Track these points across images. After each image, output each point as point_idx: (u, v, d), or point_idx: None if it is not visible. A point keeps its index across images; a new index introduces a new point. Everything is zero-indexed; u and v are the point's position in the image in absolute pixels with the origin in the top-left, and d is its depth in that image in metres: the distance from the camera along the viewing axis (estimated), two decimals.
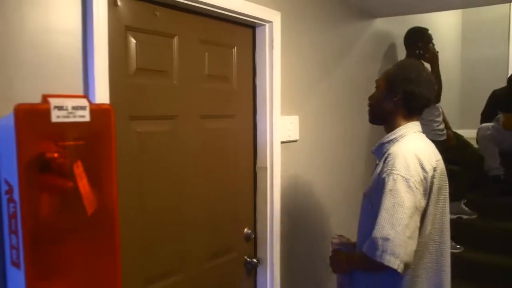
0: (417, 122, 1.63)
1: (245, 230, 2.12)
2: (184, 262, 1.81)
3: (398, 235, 1.36)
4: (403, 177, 1.41)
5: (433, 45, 3.41)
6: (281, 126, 2.14)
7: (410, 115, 1.61)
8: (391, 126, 1.61)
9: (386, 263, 1.37)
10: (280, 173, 2.15)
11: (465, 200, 3.71)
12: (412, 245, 1.40)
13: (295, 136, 2.26)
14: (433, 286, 1.55)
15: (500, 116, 3.82)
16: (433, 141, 3.23)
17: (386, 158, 1.50)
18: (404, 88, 1.55)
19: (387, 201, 1.41)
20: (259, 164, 2.14)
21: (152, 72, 1.66)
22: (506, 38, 5.00)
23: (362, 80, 2.95)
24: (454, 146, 3.53)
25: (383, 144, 1.62)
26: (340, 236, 1.81)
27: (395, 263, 1.37)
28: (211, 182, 1.92)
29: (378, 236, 1.39)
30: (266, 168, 2.11)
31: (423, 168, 1.45)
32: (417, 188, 1.42)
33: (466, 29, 5.37)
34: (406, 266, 1.40)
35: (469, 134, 4.08)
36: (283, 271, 2.21)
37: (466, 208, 3.69)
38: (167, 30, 1.71)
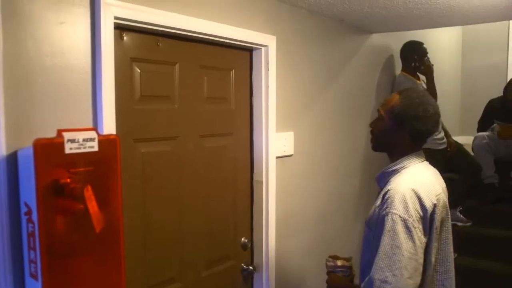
0: (419, 151, 1.62)
1: (242, 239, 2.28)
2: (183, 270, 1.97)
3: (396, 278, 1.38)
4: (401, 217, 1.41)
5: (428, 58, 3.55)
6: (276, 142, 2.30)
7: (416, 147, 1.61)
8: (394, 156, 1.61)
9: None
10: (275, 186, 2.30)
11: (461, 208, 3.83)
12: (413, 285, 1.41)
13: (290, 151, 2.41)
14: None
15: (496, 125, 3.94)
16: (433, 150, 3.41)
17: (386, 193, 1.50)
18: (412, 126, 1.54)
19: (386, 243, 1.41)
20: (255, 177, 2.30)
21: (155, 98, 1.82)
22: (505, 48, 5.10)
23: (359, 94, 3.09)
24: (453, 154, 3.66)
25: (385, 173, 1.62)
26: (334, 257, 1.80)
27: None
28: (210, 195, 2.08)
29: (376, 277, 1.41)
30: (262, 181, 2.27)
31: (422, 205, 1.45)
32: (415, 228, 1.42)
33: (466, 39, 5.47)
34: None
35: (468, 140, 4.20)
36: (279, 278, 2.36)
37: (461, 216, 3.81)
38: (169, 59, 1.87)
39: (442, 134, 3.60)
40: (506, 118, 3.92)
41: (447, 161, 3.63)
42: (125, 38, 1.68)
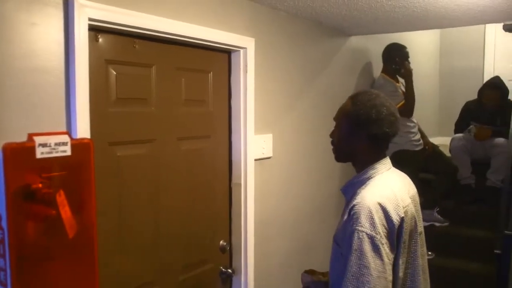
0: (385, 159, 1.54)
1: (221, 242, 2.27)
2: (160, 275, 1.95)
3: None
4: (368, 234, 1.34)
5: (409, 62, 3.60)
6: (255, 144, 2.29)
7: (378, 153, 1.53)
8: (359, 165, 1.55)
9: None
10: (254, 188, 2.30)
11: (438, 209, 3.88)
12: None
13: (269, 153, 2.41)
14: None
15: (472, 127, 4.00)
16: (410, 151, 3.44)
17: (352, 209, 1.42)
18: (367, 131, 1.48)
19: (353, 263, 1.34)
20: (234, 180, 2.29)
21: (131, 100, 1.80)
22: (481, 51, 5.19)
23: (338, 96, 3.09)
24: (430, 155, 3.71)
25: (351, 184, 1.56)
26: (310, 272, 1.75)
27: None
28: (187, 198, 2.07)
29: None
30: (240, 184, 2.26)
31: (389, 220, 1.38)
32: (383, 244, 1.35)
33: (444, 42, 5.55)
34: None
35: (446, 141, 4.27)
36: (258, 281, 2.36)
37: (439, 216, 3.86)
38: (146, 61, 1.85)
39: (418, 136, 3.65)
40: (481, 120, 3.98)
41: (425, 162, 3.69)
42: (100, 39, 1.65)
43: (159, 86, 1.91)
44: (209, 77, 2.16)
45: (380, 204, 1.38)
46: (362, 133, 1.49)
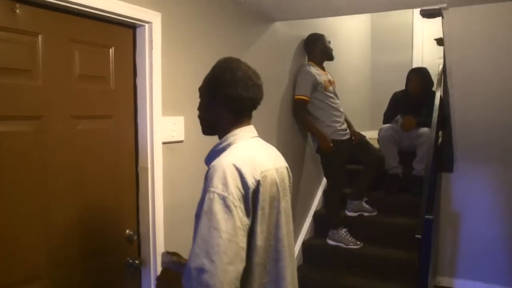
0: (248, 127, 1.50)
1: (127, 231, 2.11)
2: (51, 266, 1.76)
3: (214, 264, 1.21)
4: (219, 195, 1.26)
5: (329, 42, 3.63)
6: (163, 127, 2.15)
7: (238, 120, 1.48)
8: (221, 135, 1.50)
9: None
10: (162, 173, 2.15)
11: (366, 198, 3.89)
12: (234, 271, 1.24)
13: (180, 137, 2.27)
14: None
15: (399, 118, 4.05)
16: (337, 141, 3.43)
17: (206, 172, 1.36)
18: (222, 93, 1.44)
19: (203, 225, 1.26)
20: (140, 164, 2.13)
21: (10, 71, 1.61)
22: (410, 45, 5.31)
23: (262, 77, 3.02)
24: (356, 145, 3.71)
25: (213, 153, 1.48)
26: (171, 253, 1.63)
27: None
28: (86, 183, 1.90)
29: (192, 266, 1.23)
30: (147, 168, 2.11)
31: (244, 182, 1.30)
32: (236, 206, 1.26)
33: (374, 35, 5.65)
34: None
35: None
36: None
37: (367, 206, 3.88)
38: (29, 28, 1.66)
39: (345, 125, 3.64)
40: (408, 110, 4.04)
41: (351, 151, 3.68)
42: None
43: (47, 57, 1.72)
44: (110, 53, 1.99)
45: (235, 166, 1.31)
46: (219, 96, 1.46)
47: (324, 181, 4.16)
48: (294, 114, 3.56)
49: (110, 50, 2.00)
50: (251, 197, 1.31)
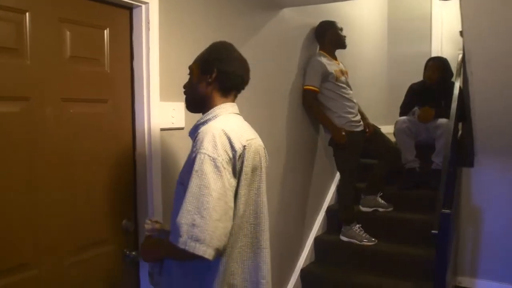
0: (233, 103, 1.59)
1: (124, 221, 2.02)
2: (39, 256, 1.68)
3: (204, 219, 1.29)
4: (210, 156, 1.34)
5: (342, 29, 3.49)
6: (162, 112, 2.06)
7: (226, 96, 1.57)
8: (207, 109, 1.56)
9: (191, 250, 1.28)
10: (160, 161, 2.06)
11: (381, 193, 3.74)
12: (223, 228, 1.33)
13: (181, 124, 2.17)
14: (250, 269, 1.49)
15: (416, 109, 3.88)
16: (350, 132, 3.29)
17: (196, 136, 1.44)
18: (217, 68, 1.52)
19: (194, 184, 1.33)
20: (138, 151, 2.04)
21: None
22: (428, 36, 5.13)
23: (267, 68, 2.92)
24: (371, 137, 3.55)
25: (198, 126, 1.54)
26: (154, 221, 1.69)
27: (200, 250, 1.28)
28: (77, 169, 1.81)
29: (182, 221, 1.30)
30: (145, 156, 2.02)
31: (232, 146, 1.39)
32: (224, 168, 1.35)
33: (391, 26, 5.48)
34: (217, 251, 1.33)
35: None
36: None
37: (382, 201, 3.72)
38: (15, 5, 1.59)
39: (358, 117, 3.50)
40: (425, 101, 3.87)
41: (366, 145, 3.53)
42: None
43: (35, 36, 1.65)
44: (104, 34, 1.91)
45: (224, 131, 1.40)
46: (213, 72, 1.53)
47: (337, 175, 4.01)
48: (304, 105, 3.43)
49: (105, 31, 1.91)
50: (238, 161, 1.40)
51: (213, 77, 1.53)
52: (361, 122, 3.50)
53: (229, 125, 1.44)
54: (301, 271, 3.45)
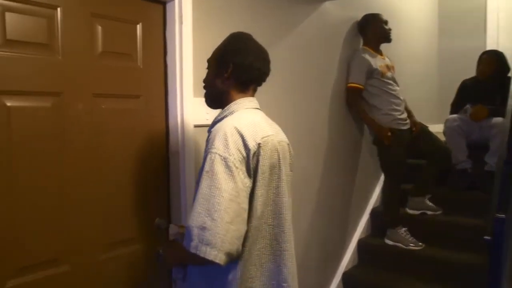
0: (252, 98, 1.51)
1: (157, 219, 1.98)
2: (70, 251, 1.68)
3: (215, 222, 1.22)
4: (221, 156, 1.27)
5: (387, 22, 3.33)
6: (195, 109, 2.00)
7: (243, 90, 1.49)
8: (225, 105, 1.49)
9: (201, 255, 1.21)
10: (194, 158, 2.01)
11: (430, 196, 3.53)
12: (235, 231, 1.25)
13: None
14: (269, 272, 1.39)
15: (468, 107, 3.64)
16: (397, 130, 3.13)
17: (209, 134, 1.38)
18: (233, 60, 1.45)
19: (204, 185, 1.26)
20: (171, 148, 2.01)
21: (27, 44, 1.54)
22: (483, 29, 4.82)
23: (308, 62, 2.82)
24: (418, 136, 3.37)
25: (215, 123, 1.48)
26: (178, 225, 1.62)
27: (211, 254, 1.21)
28: (110, 165, 1.80)
29: (193, 224, 1.24)
30: (178, 153, 1.98)
31: (245, 144, 1.31)
32: (237, 167, 1.27)
33: (443, 21, 5.20)
34: (229, 255, 1.25)
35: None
36: None
37: (431, 204, 3.51)
38: (47, 1, 1.59)
39: (405, 115, 3.32)
40: (479, 98, 3.62)
41: (413, 144, 3.35)
42: None
43: (67, 32, 1.64)
44: (137, 29, 1.89)
45: (236, 128, 1.33)
46: (230, 65, 1.46)
47: (382, 176, 3.84)
48: (347, 103, 3.29)
49: (138, 26, 1.89)
50: (252, 160, 1.31)
51: (228, 72, 1.46)
52: (408, 120, 3.32)
53: (244, 122, 1.36)
54: (343, 275, 3.33)
